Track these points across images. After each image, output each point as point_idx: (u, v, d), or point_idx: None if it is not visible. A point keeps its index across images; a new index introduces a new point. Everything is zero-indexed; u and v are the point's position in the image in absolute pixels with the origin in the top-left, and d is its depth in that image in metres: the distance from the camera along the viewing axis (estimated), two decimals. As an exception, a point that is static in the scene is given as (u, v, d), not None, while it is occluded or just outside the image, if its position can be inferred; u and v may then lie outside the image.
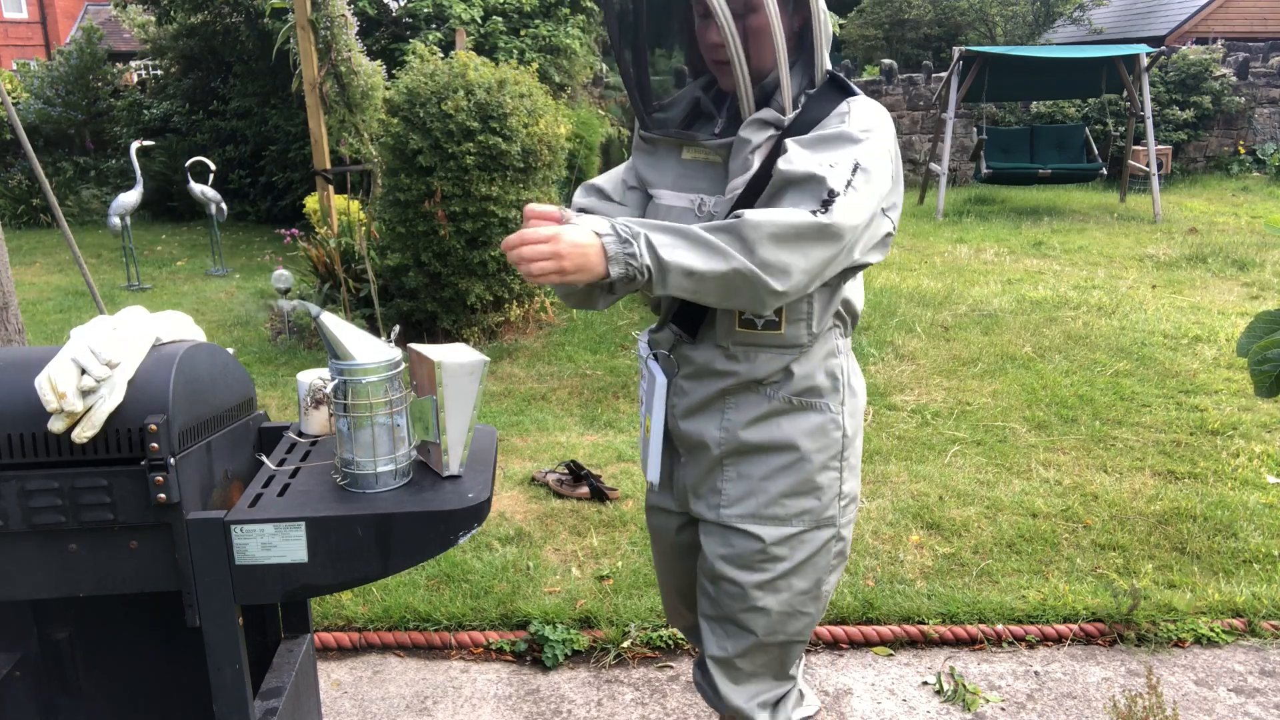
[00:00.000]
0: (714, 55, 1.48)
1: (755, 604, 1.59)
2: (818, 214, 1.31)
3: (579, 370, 5.14)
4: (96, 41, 13.41)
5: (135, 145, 8.13)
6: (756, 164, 1.43)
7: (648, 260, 1.31)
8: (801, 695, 1.75)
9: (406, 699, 2.44)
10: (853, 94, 1.48)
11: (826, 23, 1.47)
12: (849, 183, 1.34)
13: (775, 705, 1.69)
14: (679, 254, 1.31)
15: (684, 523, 1.72)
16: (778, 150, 1.43)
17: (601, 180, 1.67)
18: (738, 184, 1.44)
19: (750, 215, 1.32)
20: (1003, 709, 2.38)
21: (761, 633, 1.61)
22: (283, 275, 5.92)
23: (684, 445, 1.62)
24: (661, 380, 1.57)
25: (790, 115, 1.45)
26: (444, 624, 2.68)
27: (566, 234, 1.31)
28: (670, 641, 2.61)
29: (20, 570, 1.32)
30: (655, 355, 1.60)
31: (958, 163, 12.85)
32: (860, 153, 1.38)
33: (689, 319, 1.54)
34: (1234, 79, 13.03)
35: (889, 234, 1.47)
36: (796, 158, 1.37)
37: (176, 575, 1.33)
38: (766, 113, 1.45)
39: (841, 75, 1.51)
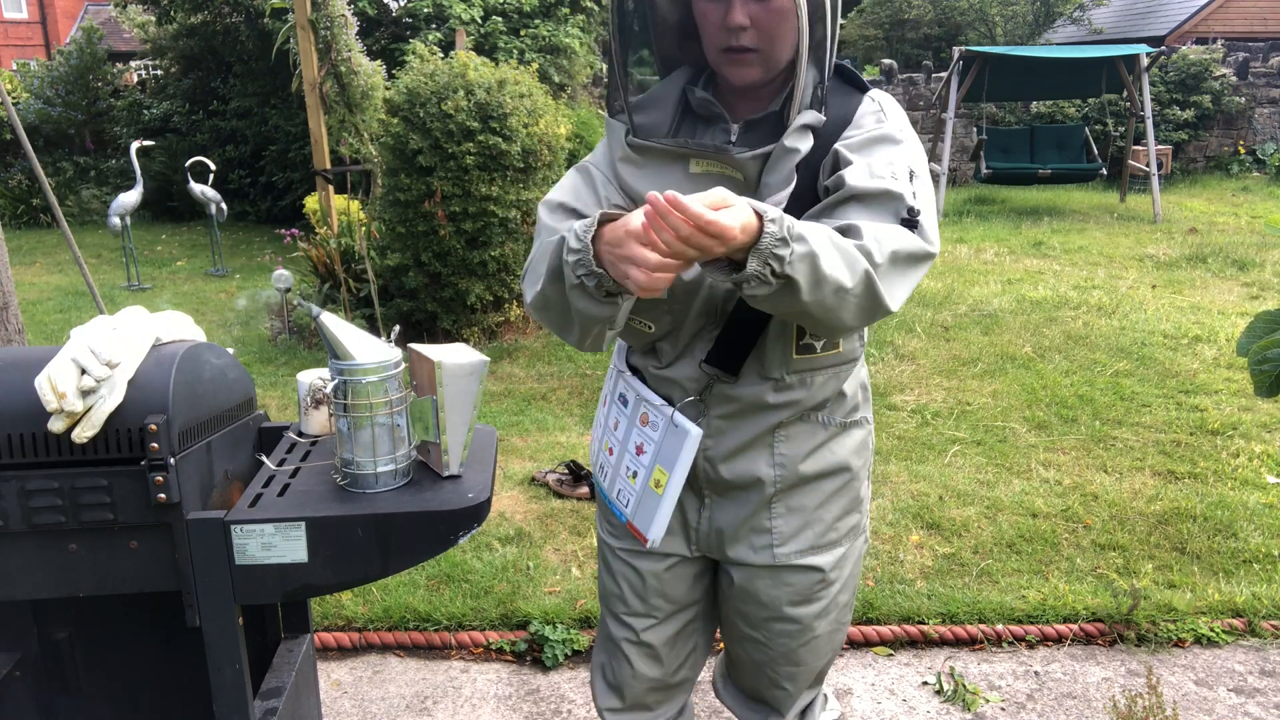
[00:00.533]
0: (732, 41, 1.25)
1: (815, 634, 1.51)
2: (913, 233, 1.20)
3: (579, 370, 5.14)
4: (96, 41, 13.41)
5: (135, 145, 8.13)
6: (796, 175, 1.26)
7: (799, 272, 1.09)
8: (826, 699, 1.72)
9: (406, 699, 2.44)
10: (864, 86, 1.35)
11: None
12: (914, 194, 1.23)
13: (804, 712, 1.67)
14: (836, 269, 1.12)
15: (680, 560, 1.53)
16: (816, 158, 1.27)
17: (568, 198, 1.38)
18: (780, 199, 1.27)
19: (871, 227, 1.18)
20: (1003, 709, 2.38)
21: (815, 660, 1.56)
22: (283, 275, 5.91)
23: (719, 488, 1.45)
24: (695, 434, 1.33)
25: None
26: (444, 624, 2.68)
27: (739, 217, 1.07)
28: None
29: (20, 570, 1.32)
30: (672, 404, 1.37)
31: (958, 163, 12.85)
32: (909, 157, 1.27)
33: (730, 355, 1.34)
34: (1234, 79, 13.03)
35: None
36: (862, 170, 1.23)
37: (176, 575, 1.33)
38: (810, 115, 1.25)
39: (845, 64, 1.36)
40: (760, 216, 1.09)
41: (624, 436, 1.45)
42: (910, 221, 1.21)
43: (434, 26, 9.79)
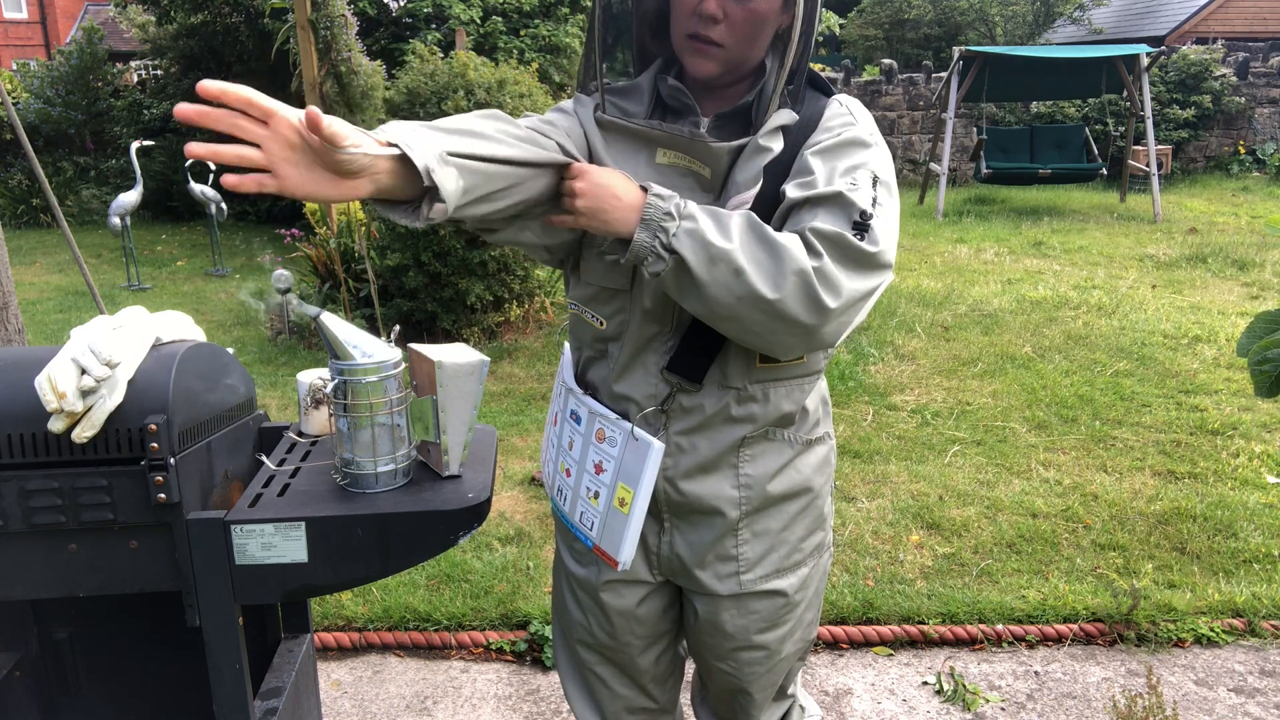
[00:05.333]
0: (699, 28, 1.20)
1: (781, 656, 1.48)
2: (859, 239, 1.15)
3: (579, 370, 5.13)
4: (97, 41, 13.42)
5: (135, 145, 8.13)
6: (763, 176, 1.23)
7: (686, 248, 1.11)
8: (803, 709, 1.70)
9: (406, 699, 2.44)
10: (829, 89, 1.31)
11: None
12: (874, 200, 1.18)
13: None
14: (736, 251, 1.11)
15: (651, 592, 1.46)
16: (783, 160, 1.24)
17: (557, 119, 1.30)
18: (746, 198, 1.23)
19: (804, 221, 1.16)
20: (1003, 709, 2.38)
21: (782, 679, 1.54)
22: (283, 275, 5.92)
23: (679, 511, 1.38)
24: (657, 447, 1.28)
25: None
26: (444, 624, 2.68)
27: (595, 171, 1.14)
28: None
29: (20, 570, 1.32)
30: (627, 417, 1.32)
31: (958, 163, 12.85)
32: (874, 162, 1.23)
33: (693, 362, 1.29)
34: (1234, 79, 13.04)
35: None
36: (821, 176, 1.19)
37: (176, 575, 1.33)
38: (786, 115, 1.23)
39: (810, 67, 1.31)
40: (645, 189, 1.14)
41: (580, 456, 1.38)
42: (861, 225, 1.16)
43: (434, 26, 9.80)
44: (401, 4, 10.12)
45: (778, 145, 1.23)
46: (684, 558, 1.40)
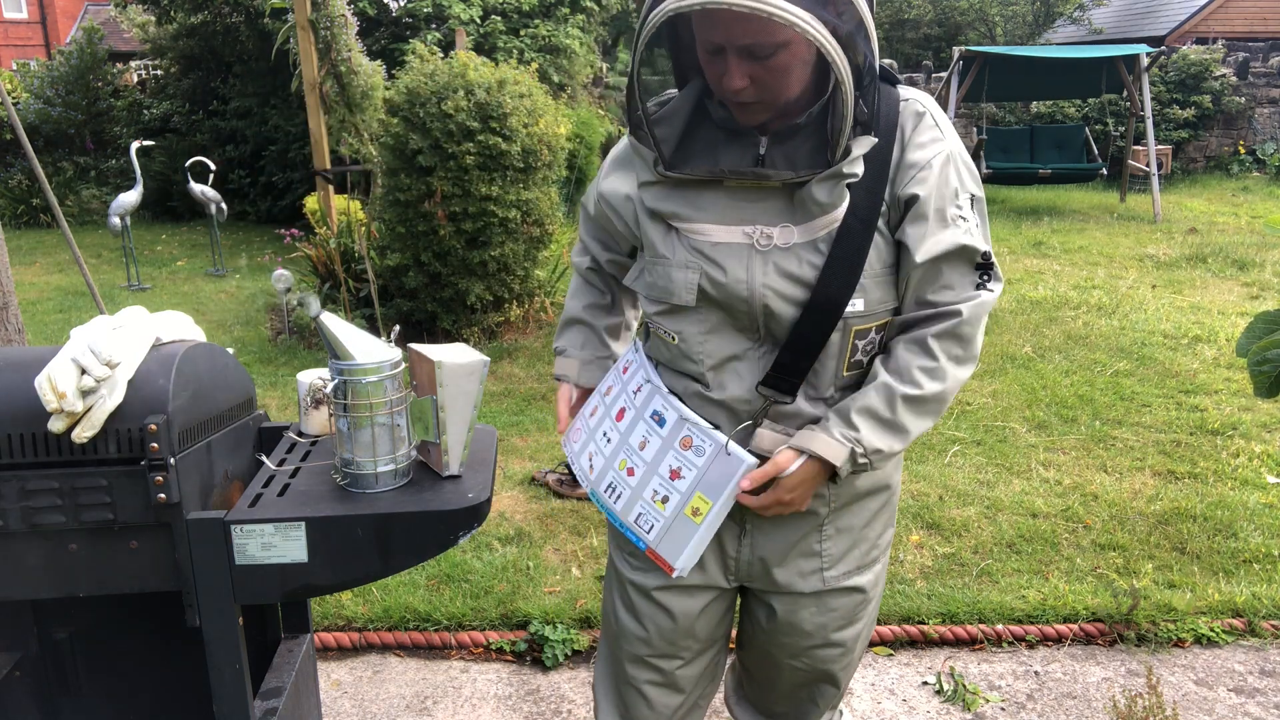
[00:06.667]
0: (731, 98, 1.23)
1: (854, 653, 1.50)
2: (983, 289, 1.30)
3: (579, 370, 5.13)
4: (97, 41, 13.41)
5: (135, 145, 8.12)
6: (848, 194, 1.24)
7: (886, 460, 1.31)
8: (842, 713, 1.72)
9: (406, 699, 2.44)
10: (893, 79, 1.29)
11: None
12: (977, 225, 1.29)
13: None
14: (921, 424, 1.29)
15: (715, 598, 1.48)
16: (872, 169, 1.24)
17: (591, 241, 1.56)
18: (836, 216, 1.24)
19: (961, 323, 1.27)
20: (1003, 709, 2.38)
21: (847, 678, 1.55)
22: (283, 275, 5.91)
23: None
24: (750, 462, 1.28)
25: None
26: (444, 624, 2.68)
27: (799, 483, 1.29)
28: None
29: (20, 570, 1.32)
30: (717, 428, 1.32)
31: (958, 163, 12.82)
32: (967, 176, 1.29)
33: (788, 379, 1.31)
34: (1234, 79, 13.04)
35: None
36: (934, 221, 1.25)
37: (176, 575, 1.33)
38: (867, 143, 1.21)
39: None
40: (834, 452, 1.27)
41: (654, 458, 1.34)
42: (985, 267, 1.29)
43: (434, 26, 9.79)
44: (401, 4, 10.12)
45: (860, 169, 1.23)
46: (766, 559, 1.42)
